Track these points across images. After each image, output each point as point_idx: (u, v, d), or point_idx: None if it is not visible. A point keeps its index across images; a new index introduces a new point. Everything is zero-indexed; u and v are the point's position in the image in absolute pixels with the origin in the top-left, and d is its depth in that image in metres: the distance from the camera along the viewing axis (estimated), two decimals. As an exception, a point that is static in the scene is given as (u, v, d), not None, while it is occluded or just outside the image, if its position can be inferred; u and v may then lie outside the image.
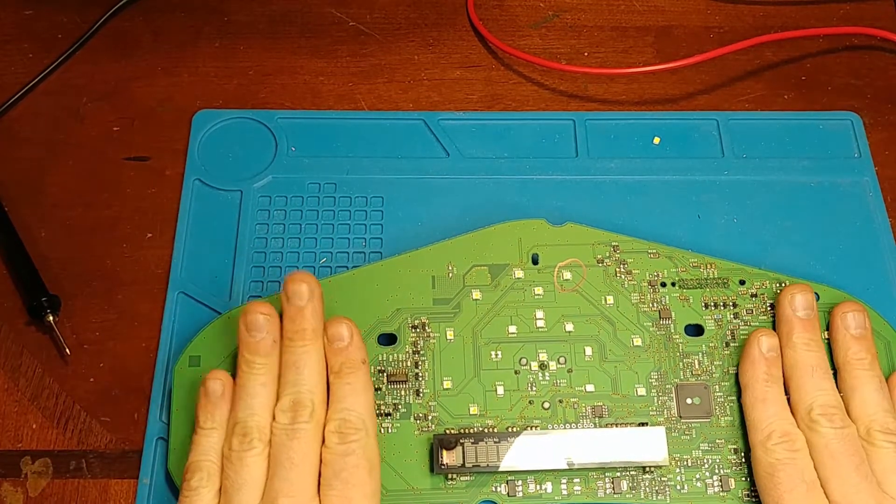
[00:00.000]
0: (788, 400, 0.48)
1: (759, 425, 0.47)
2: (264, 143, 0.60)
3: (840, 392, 0.48)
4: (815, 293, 0.51)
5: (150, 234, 0.57)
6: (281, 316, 0.48)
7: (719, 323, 0.51)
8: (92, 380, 0.53)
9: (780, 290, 0.51)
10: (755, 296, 0.52)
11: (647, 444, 0.47)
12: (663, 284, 0.52)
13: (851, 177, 0.59)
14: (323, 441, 0.44)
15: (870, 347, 0.49)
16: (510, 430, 0.48)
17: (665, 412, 0.49)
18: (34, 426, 0.51)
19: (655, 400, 0.49)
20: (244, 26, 0.65)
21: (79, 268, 0.56)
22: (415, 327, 0.50)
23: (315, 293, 0.48)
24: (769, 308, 0.51)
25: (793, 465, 0.45)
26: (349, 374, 0.46)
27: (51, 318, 0.53)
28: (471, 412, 0.48)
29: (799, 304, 0.50)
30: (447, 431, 0.48)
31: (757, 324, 0.51)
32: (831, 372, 0.48)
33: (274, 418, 0.45)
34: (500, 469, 0.46)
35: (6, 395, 0.52)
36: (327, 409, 0.45)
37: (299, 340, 0.47)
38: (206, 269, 0.55)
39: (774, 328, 0.50)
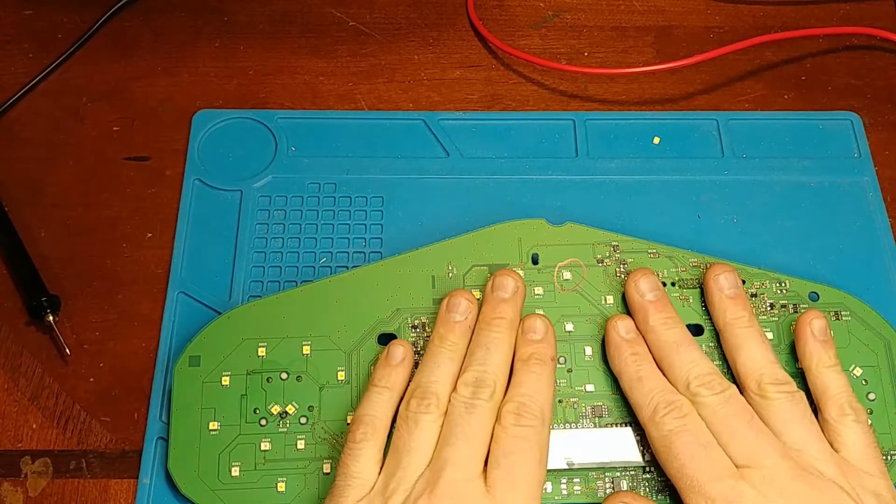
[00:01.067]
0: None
1: (642, 403, 0.46)
2: (264, 142, 0.60)
3: (725, 353, 0.49)
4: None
5: (150, 234, 0.57)
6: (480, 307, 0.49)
7: (719, 323, 0.51)
8: (92, 380, 0.53)
9: (626, 279, 0.51)
10: (755, 295, 0.52)
11: (647, 444, 0.47)
12: (663, 284, 0.52)
13: (851, 177, 0.59)
14: (498, 420, 0.45)
15: (745, 305, 0.49)
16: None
17: None
18: (34, 426, 0.51)
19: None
20: (244, 26, 0.65)
21: (79, 268, 0.56)
22: (415, 327, 0.50)
23: (520, 290, 0.50)
24: (769, 307, 0.51)
25: (686, 431, 0.44)
26: (536, 365, 0.46)
27: (51, 318, 0.53)
28: None
29: (645, 287, 0.50)
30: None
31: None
32: (696, 342, 0.48)
33: (455, 390, 0.45)
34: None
35: (6, 395, 0.52)
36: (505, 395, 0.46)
37: (496, 326, 0.48)
38: (206, 268, 0.55)
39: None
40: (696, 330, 0.51)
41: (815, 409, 0.47)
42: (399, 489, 0.42)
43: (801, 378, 0.49)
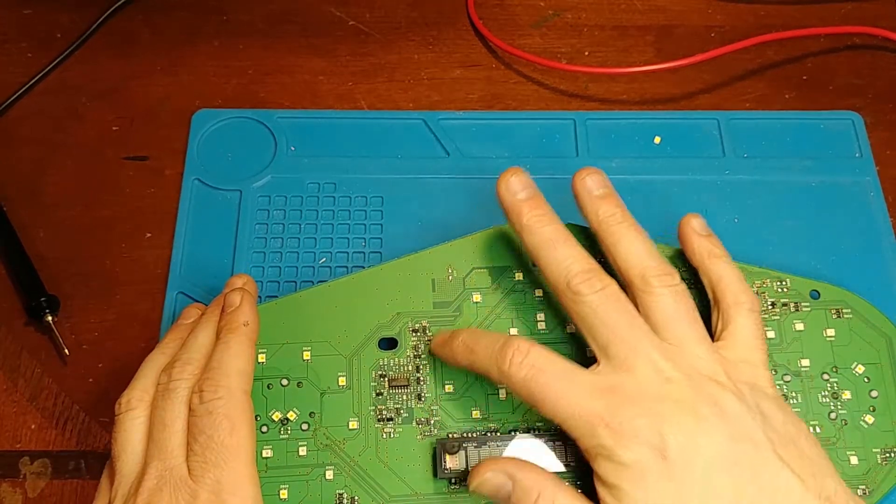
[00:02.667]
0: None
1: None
2: (264, 142, 0.59)
3: (604, 253, 0.47)
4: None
5: (149, 234, 0.57)
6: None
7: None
8: (91, 380, 0.53)
9: (497, 183, 0.49)
10: (756, 294, 0.52)
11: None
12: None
13: (853, 176, 0.59)
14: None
15: (618, 202, 0.48)
16: (513, 433, 0.48)
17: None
18: (33, 427, 0.51)
19: None
20: (243, 25, 0.65)
21: (78, 268, 0.56)
22: (416, 331, 0.50)
23: (248, 285, 0.49)
24: (770, 306, 0.51)
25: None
26: (226, 334, 0.46)
27: (49, 318, 0.53)
28: (473, 416, 0.48)
29: (517, 186, 0.48)
30: (450, 436, 0.47)
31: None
32: (574, 238, 0.46)
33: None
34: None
35: (5, 396, 0.52)
36: None
37: (206, 315, 0.48)
38: (205, 268, 0.55)
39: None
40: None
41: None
42: (118, 496, 0.42)
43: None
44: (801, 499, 0.39)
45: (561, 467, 0.46)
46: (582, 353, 0.50)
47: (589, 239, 0.49)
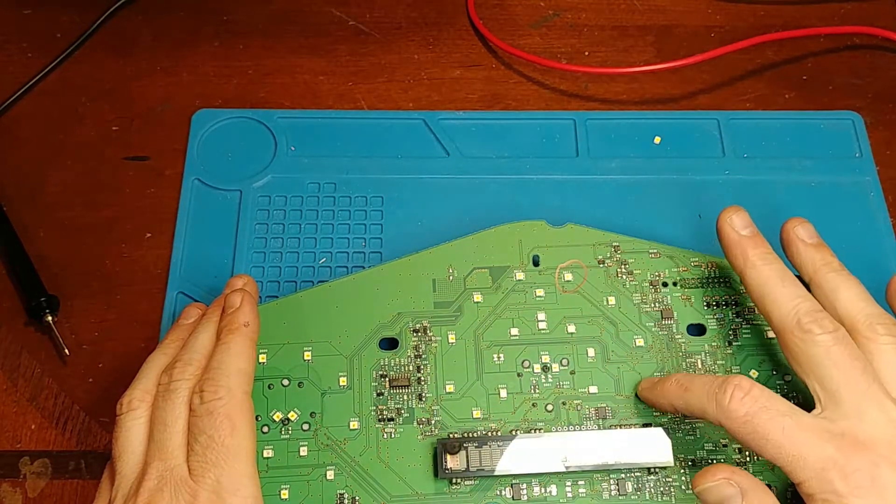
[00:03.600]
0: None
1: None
2: (264, 142, 0.59)
3: (820, 301, 0.45)
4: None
5: (149, 234, 0.57)
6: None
7: (721, 322, 0.51)
8: (91, 380, 0.53)
9: (718, 219, 0.49)
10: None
11: (651, 446, 0.46)
12: (665, 284, 0.52)
13: (853, 176, 0.59)
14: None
15: (832, 253, 0.47)
16: (514, 433, 0.48)
17: (668, 414, 0.49)
18: (33, 427, 0.51)
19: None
20: (244, 26, 0.65)
21: (78, 268, 0.56)
22: (416, 331, 0.50)
23: (248, 284, 0.50)
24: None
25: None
26: (227, 335, 0.46)
27: (50, 318, 0.53)
28: (474, 416, 0.48)
29: (739, 224, 0.48)
30: (450, 436, 0.47)
31: (759, 322, 0.51)
32: (798, 280, 0.46)
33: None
34: (504, 473, 0.46)
35: (5, 396, 0.52)
36: None
37: (206, 317, 0.48)
38: (205, 268, 0.55)
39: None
40: (697, 330, 0.51)
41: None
42: (118, 495, 0.42)
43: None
44: None
45: (561, 468, 0.46)
46: (583, 353, 0.50)
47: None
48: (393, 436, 0.48)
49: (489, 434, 0.48)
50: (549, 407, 0.49)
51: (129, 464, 0.43)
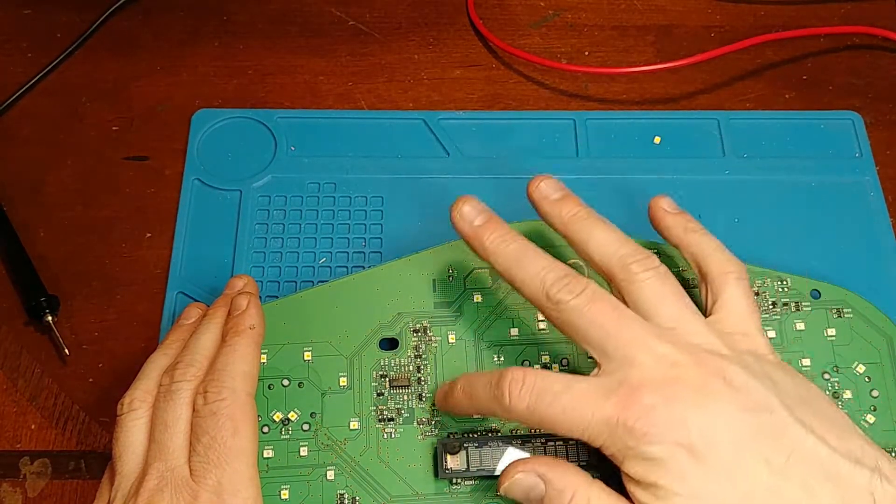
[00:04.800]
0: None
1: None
2: (264, 142, 0.59)
3: (577, 252, 0.46)
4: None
5: (149, 234, 0.57)
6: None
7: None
8: (91, 380, 0.53)
9: (450, 216, 0.47)
10: (757, 294, 0.51)
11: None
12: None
13: (852, 176, 0.59)
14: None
15: (578, 202, 0.47)
16: (514, 433, 0.48)
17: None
18: (33, 427, 0.51)
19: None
20: (244, 26, 0.65)
21: (78, 268, 0.56)
22: (416, 331, 0.50)
23: (248, 285, 0.50)
24: (771, 306, 0.51)
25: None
26: (232, 337, 0.46)
27: (50, 318, 0.53)
28: (474, 416, 0.48)
29: (470, 214, 0.47)
30: (451, 436, 0.47)
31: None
32: (540, 249, 0.45)
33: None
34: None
35: (5, 396, 0.52)
36: None
37: (209, 318, 0.48)
38: (205, 268, 0.55)
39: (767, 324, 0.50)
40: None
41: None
42: (118, 496, 0.42)
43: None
44: (830, 460, 0.39)
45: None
46: (583, 353, 0.50)
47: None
48: (393, 436, 0.48)
49: (489, 434, 0.48)
50: (549, 407, 0.49)
51: (129, 464, 0.43)
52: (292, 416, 0.48)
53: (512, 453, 0.46)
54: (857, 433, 0.41)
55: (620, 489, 0.41)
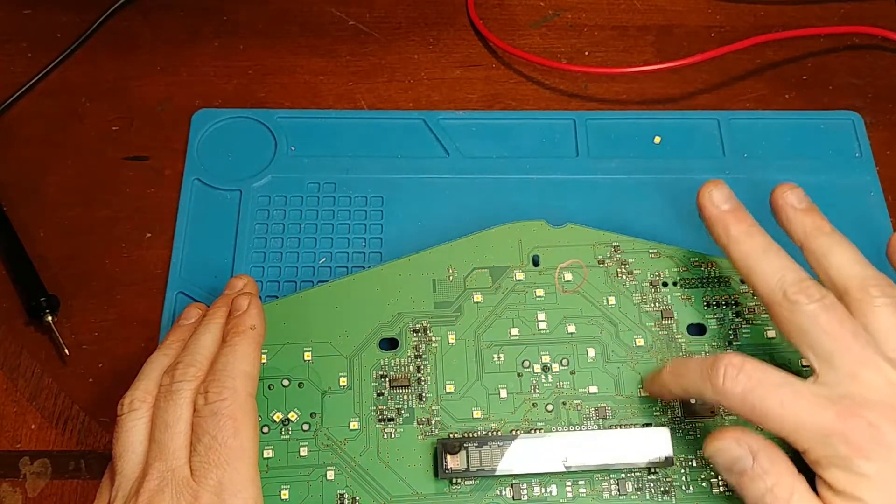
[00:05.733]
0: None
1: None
2: (264, 142, 0.59)
3: (811, 265, 0.45)
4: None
5: (149, 234, 0.57)
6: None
7: (721, 322, 0.51)
8: (91, 380, 0.52)
9: (698, 195, 0.48)
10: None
11: (651, 445, 0.46)
12: (665, 284, 0.52)
13: (853, 176, 0.59)
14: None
15: (823, 216, 0.47)
16: (514, 433, 0.48)
17: (669, 412, 0.49)
18: (33, 426, 0.51)
19: (659, 400, 0.49)
20: (243, 26, 0.65)
21: (78, 268, 0.56)
22: (416, 331, 0.50)
23: (248, 286, 0.50)
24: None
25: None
26: (233, 337, 0.46)
27: (49, 318, 0.53)
28: (474, 416, 0.48)
29: (719, 199, 0.48)
30: (451, 436, 0.47)
31: (759, 322, 0.51)
32: (784, 251, 0.45)
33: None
34: (505, 472, 0.46)
35: (5, 396, 0.52)
36: None
37: (210, 317, 0.48)
38: (205, 268, 0.55)
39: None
40: (698, 329, 0.51)
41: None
42: (118, 496, 0.42)
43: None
44: None
45: (561, 468, 0.46)
46: (583, 353, 0.50)
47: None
48: (393, 436, 0.48)
49: (489, 434, 0.48)
50: (550, 407, 0.49)
51: (129, 464, 0.43)
52: (292, 416, 0.48)
53: (519, 444, 0.46)
54: None
55: None
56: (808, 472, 0.41)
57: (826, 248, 0.45)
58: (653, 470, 0.47)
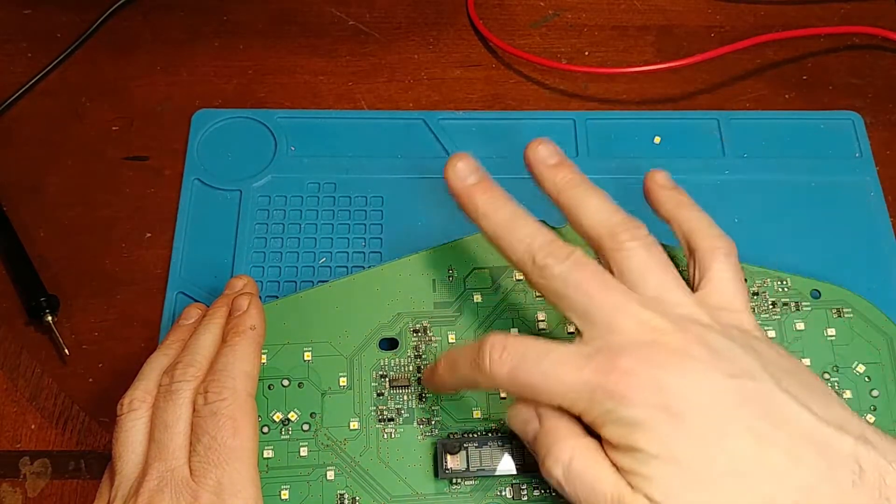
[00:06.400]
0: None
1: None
2: (264, 142, 0.59)
3: (569, 220, 0.45)
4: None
5: (149, 234, 0.57)
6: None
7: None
8: (91, 380, 0.53)
9: (444, 171, 0.46)
10: (756, 294, 0.51)
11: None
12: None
13: (852, 176, 0.59)
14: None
15: (573, 168, 0.46)
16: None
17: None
18: (33, 426, 0.51)
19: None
20: (243, 26, 0.65)
21: (78, 268, 0.56)
22: (416, 331, 0.50)
23: (248, 286, 0.50)
24: (771, 306, 0.51)
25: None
26: (233, 337, 0.46)
27: (49, 318, 0.53)
28: (474, 416, 0.48)
29: (463, 172, 0.45)
30: (451, 436, 0.47)
31: (759, 322, 0.50)
32: (530, 215, 0.44)
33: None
34: (505, 472, 0.46)
35: (5, 396, 0.52)
36: None
37: (210, 317, 0.48)
38: (205, 268, 0.55)
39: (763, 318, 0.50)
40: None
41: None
42: (117, 496, 0.42)
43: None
44: (814, 427, 0.38)
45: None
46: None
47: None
48: (393, 436, 0.48)
49: (489, 434, 0.48)
50: (549, 407, 0.49)
51: (129, 464, 0.43)
52: (292, 416, 0.48)
53: (519, 444, 0.46)
54: (842, 404, 0.40)
55: None
56: None
57: (577, 199, 0.45)
58: None
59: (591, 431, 0.40)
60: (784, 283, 0.52)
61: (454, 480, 0.46)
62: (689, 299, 0.42)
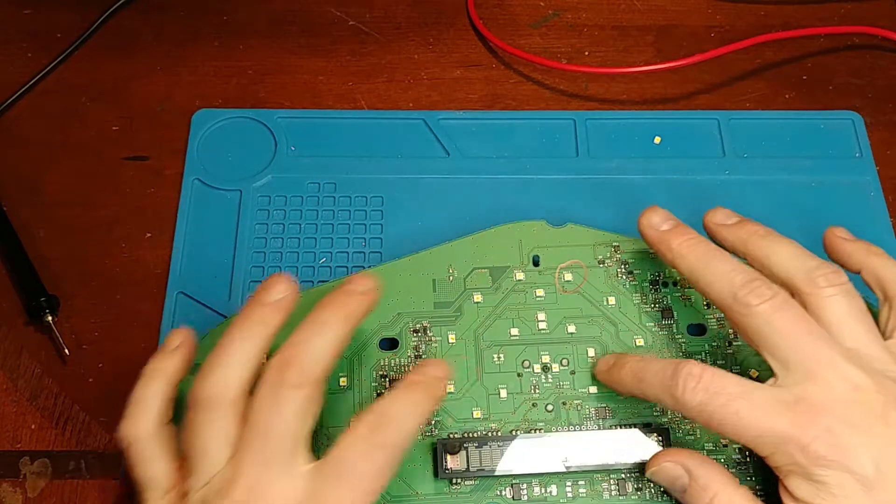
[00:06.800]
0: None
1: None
2: (264, 142, 0.59)
3: (759, 269, 0.45)
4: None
5: (149, 234, 0.57)
6: None
7: (721, 322, 0.51)
8: (91, 380, 0.52)
9: (638, 224, 0.48)
10: None
11: (651, 445, 0.46)
12: (665, 284, 0.52)
13: (853, 176, 0.59)
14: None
15: (756, 223, 0.47)
16: (514, 433, 0.48)
17: (669, 413, 0.49)
18: (33, 426, 0.51)
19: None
20: (243, 25, 0.65)
21: (78, 268, 0.56)
22: (416, 331, 0.50)
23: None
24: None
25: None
26: (421, 399, 0.42)
27: (50, 318, 0.53)
28: (474, 416, 0.48)
29: (656, 220, 0.48)
30: (450, 436, 0.47)
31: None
32: (729, 254, 0.45)
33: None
34: (505, 472, 0.46)
35: (5, 396, 0.52)
36: None
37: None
38: (205, 268, 0.55)
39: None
40: (698, 329, 0.51)
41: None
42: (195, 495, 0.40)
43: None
44: None
45: (561, 468, 0.46)
46: (583, 354, 0.50)
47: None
48: (393, 436, 0.48)
49: (489, 434, 0.48)
50: (550, 407, 0.49)
51: (214, 461, 0.40)
52: (292, 416, 0.48)
53: (519, 444, 0.46)
54: None
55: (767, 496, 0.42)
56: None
57: (766, 249, 0.45)
58: None
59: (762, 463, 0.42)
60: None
61: (454, 480, 0.46)
62: (884, 352, 0.42)
